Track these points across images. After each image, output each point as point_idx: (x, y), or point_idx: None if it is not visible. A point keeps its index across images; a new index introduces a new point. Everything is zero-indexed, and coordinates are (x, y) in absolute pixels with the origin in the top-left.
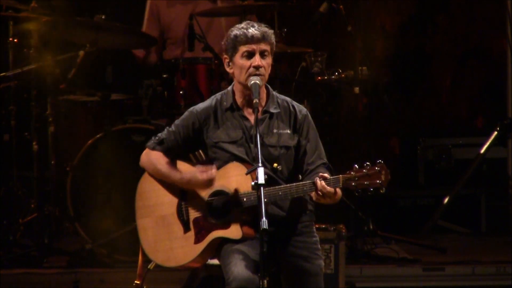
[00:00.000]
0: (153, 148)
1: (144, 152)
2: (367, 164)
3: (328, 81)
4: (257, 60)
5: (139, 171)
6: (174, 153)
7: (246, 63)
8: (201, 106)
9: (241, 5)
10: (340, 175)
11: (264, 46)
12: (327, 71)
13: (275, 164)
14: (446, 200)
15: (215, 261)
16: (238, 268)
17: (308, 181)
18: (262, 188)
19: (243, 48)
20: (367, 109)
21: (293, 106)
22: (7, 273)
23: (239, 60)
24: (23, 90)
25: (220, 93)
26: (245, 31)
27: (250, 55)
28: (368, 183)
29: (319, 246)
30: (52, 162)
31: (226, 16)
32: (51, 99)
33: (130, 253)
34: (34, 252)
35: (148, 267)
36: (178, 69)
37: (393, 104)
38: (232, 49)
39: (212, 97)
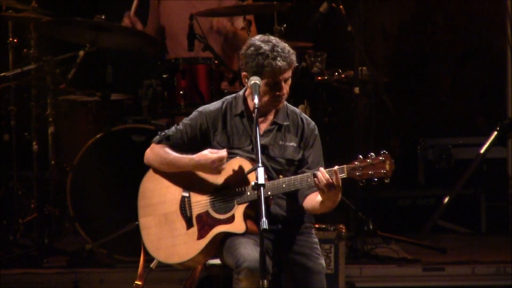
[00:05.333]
0: (158, 143)
1: (149, 147)
2: (371, 155)
3: (328, 81)
4: (281, 90)
5: (139, 171)
6: (178, 151)
7: (271, 92)
8: (210, 107)
9: (241, 5)
10: (345, 165)
11: (288, 74)
12: (327, 71)
13: (281, 176)
14: (446, 200)
15: (215, 261)
16: (248, 250)
17: (310, 172)
18: (262, 188)
19: (268, 79)
20: (367, 109)
21: (301, 119)
22: (7, 273)
23: (262, 86)
24: (23, 90)
25: (230, 96)
26: (272, 62)
27: (275, 84)
28: (372, 172)
29: (319, 247)
30: (52, 162)
31: (226, 16)
32: (51, 99)
33: (130, 253)
34: (34, 252)
35: (151, 266)
36: (178, 69)
37: (393, 104)
38: (257, 73)
39: (223, 99)
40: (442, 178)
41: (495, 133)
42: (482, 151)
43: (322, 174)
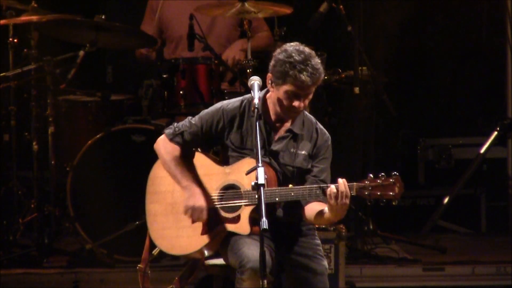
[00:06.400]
0: (171, 139)
1: (162, 138)
2: (382, 175)
3: (328, 81)
4: (299, 102)
5: (139, 171)
6: (190, 146)
7: (288, 100)
8: (230, 106)
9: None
10: (354, 183)
11: (310, 90)
12: (327, 71)
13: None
14: (446, 200)
15: (215, 261)
16: (252, 251)
17: (320, 185)
18: (262, 188)
19: (290, 87)
20: (367, 109)
21: (316, 130)
22: (7, 273)
23: (282, 93)
24: (23, 90)
25: (250, 95)
26: (297, 74)
27: (294, 95)
28: (381, 194)
29: (321, 249)
30: (52, 162)
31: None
32: (51, 99)
33: (130, 253)
34: (34, 252)
35: (152, 252)
36: (178, 69)
37: (393, 104)
38: (280, 79)
39: (242, 98)
40: (442, 178)
41: (495, 133)
42: (482, 151)
43: (340, 186)
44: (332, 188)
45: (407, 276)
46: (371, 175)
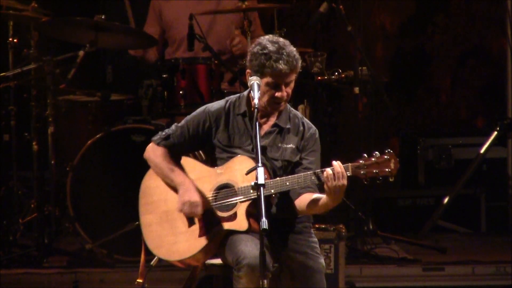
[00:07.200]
0: (158, 144)
1: (150, 145)
2: (376, 153)
3: (328, 81)
4: (281, 92)
5: (139, 171)
6: (178, 149)
7: (270, 92)
8: (214, 106)
9: (241, 7)
10: (349, 164)
11: (290, 78)
12: (327, 71)
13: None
14: (446, 200)
15: (215, 261)
16: (249, 247)
17: (314, 171)
18: (262, 188)
19: (269, 78)
20: (367, 109)
21: (303, 123)
22: (7, 273)
23: (263, 86)
24: (23, 90)
25: (234, 96)
26: (274, 64)
27: (275, 86)
28: (377, 171)
29: (318, 246)
30: (52, 162)
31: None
32: (51, 99)
33: (130, 253)
34: (34, 252)
35: (151, 263)
36: (178, 69)
37: (393, 104)
38: (258, 72)
39: (226, 98)
40: (442, 178)
41: (495, 133)
42: (482, 151)
43: (335, 167)
44: (328, 171)
45: (407, 276)
46: (365, 155)
